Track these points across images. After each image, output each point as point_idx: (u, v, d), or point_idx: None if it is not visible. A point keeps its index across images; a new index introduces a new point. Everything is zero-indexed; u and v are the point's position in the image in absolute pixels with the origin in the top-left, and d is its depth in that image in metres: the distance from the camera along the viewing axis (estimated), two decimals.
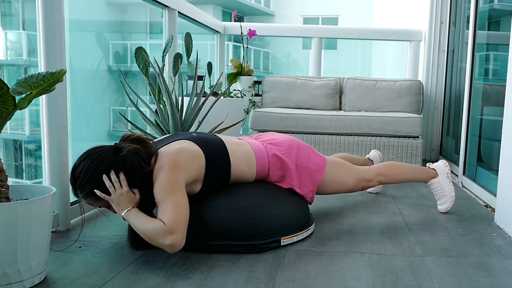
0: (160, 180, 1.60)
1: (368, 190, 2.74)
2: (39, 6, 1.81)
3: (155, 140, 1.82)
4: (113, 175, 1.59)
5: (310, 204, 2.10)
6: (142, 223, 1.56)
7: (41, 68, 1.83)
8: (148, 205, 1.65)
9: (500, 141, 2.16)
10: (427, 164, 2.34)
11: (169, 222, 1.52)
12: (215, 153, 1.79)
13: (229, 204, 1.76)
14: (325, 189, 2.10)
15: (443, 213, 2.32)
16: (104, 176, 1.59)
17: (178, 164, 1.64)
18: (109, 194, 1.60)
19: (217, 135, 1.93)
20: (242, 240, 1.71)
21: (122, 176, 1.60)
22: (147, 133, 2.42)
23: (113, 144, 1.68)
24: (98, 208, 1.75)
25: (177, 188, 1.60)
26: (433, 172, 2.30)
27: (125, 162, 1.60)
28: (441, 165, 2.31)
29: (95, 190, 1.59)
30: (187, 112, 2.48)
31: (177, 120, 2.38)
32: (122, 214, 1.59)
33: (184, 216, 1.56)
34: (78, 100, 3.05)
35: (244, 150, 1.90)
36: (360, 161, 2.69)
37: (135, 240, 1.71)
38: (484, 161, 2.89)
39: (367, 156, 2.80)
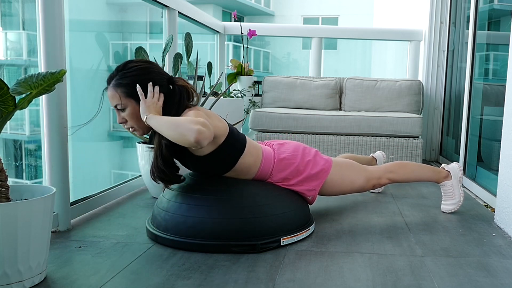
0: (189, 112, 1.71)
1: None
2: (39, 6, 1.81)
3: None
4: (157, 88, 1.72)
5: (311, 204, 2.10)
6: (168, 119, 1.65)
7: (41, 68, 1.83)
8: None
9: (500, 141, 2.16)
10: (442, 165, 2.33)
11: (199, 120, 1.60)
12: (236, 134, 1.88)
13: (229, 204, 1.76)
14: (335, 189, 2.11)
15: (443, 213, 2.32)
16: (150, 83, 1.71)
17: (208, 114, 1.77)
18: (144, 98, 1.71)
19: None
20: (242, 240, 1.71)
21: (162, 97, 1.73)
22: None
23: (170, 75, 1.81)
24: (115, 108, 1.77)
25: (203, 117, 1.68)
26: (445, 172, 2.29)
27: (172, 89, 1.76)
28: (455, 168, 2.30)
29: (137, 85, 1.69)
30: None
31: None
32: (147, 116, 1.68)
33: (210, 124, 1.63)
34: (78, 100, 3.05)
35: (257, 146, 1.96)
36: (364, 160, 2.69)
37: (159, 170, 1.74)
38: (484, 161, 2.89)
39: (372, 155, 2.80)
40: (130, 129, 1.80)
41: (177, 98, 1.76)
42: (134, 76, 1.72)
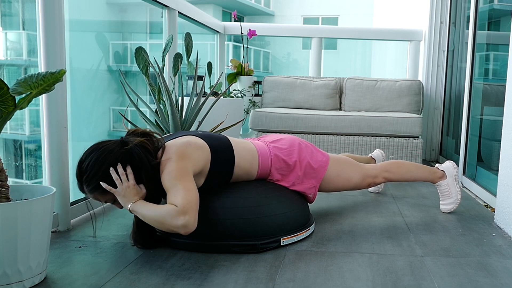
0: (169, 169, 1.61)
1: (370, 189, 2.75)
2: (39, 6, 1.81)
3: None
4: (120, 168, 1.60)
5: (311, 202, 2.10)
6: (152, 210, 1.57)
7: (41, 68, 1.83)
8: (154, 200, 1.66)
9: (500, 141, 2.16)
10: (436, 165, 2.33)
11: (181, 203, 1.53)
12: (221, 148, 1.80)
13: (229, 204, 1.76)
14: (331, 185, 2.11)
15: (444, 213, 2.32)
16: (111, 169, 1.60)
17: (186, 154, 1.66)
18: (115, 187, 1.61)
19: (221, 134, 1.94)
20: (242, 240, 1.71)
21: (129, 169, 1.61)
22: None
23: (119, 138, 1.68)
24: (103, 204, 1.75)
25: (185, 175, 1.61)
26: (440, 173, 2.29)
27: (131, 155, 1.62)
28: (449, 167, 2.30)
29: (101, 183, 1.59)
30: (187, 112, 2.48)
31: (177, 120, 2.38)
32: (129, 207, 1.60)
33: (195, 199, 1.57)
34: (78, 100, 3.05)
35: (248, 148, 1.91)
36: (363, 160, 2.69)
37: (139, 237, 1.73)
38: (484, 161, 2.89)
39: (370, 155, 2.81)
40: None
41: (139, 160, 1.61)
42: (95, 176, 1.60)
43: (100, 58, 3.64)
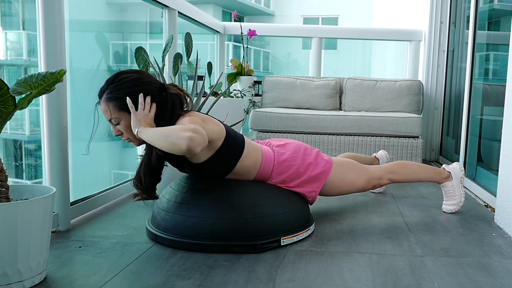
0: (184, 120, 1.69)
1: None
2: (39, 6, 1.81)
3: None
4: (148, 99, 1.69)
5: (311, 204, 2.10)
6: (159, 130, 1.63)
7: (41, 68, 1.83)
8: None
9: (500, 141, 2.16)
10: (443, 166, 2.33)
11: (190, 126, 1.58)
12: (234, 136, 1.86)
13: (229, 204, 1.76)
14: (336, 189, 2.10)
15: (444, 213, 2.32)
16: (141, 94, 1.68)
17: (204, 119, 1.75)
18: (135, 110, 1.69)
19: None
20: (242, 240, 1.71)
21: (154, 107, 1.71)
22: None
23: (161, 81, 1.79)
24: (109, 121, 1.77)
25: (197, 123, 1.67)
26: (446, 173, 2.28)
27: (165, 98, 1.73)
28: (456, 169, 2.29)
29: (127, 98, 1.66)
30: None
31: None
32: (137, 129, 1.66)
33: (205, 132, 1.61)
34: (78, 100, 3.05)
35: (256, 148, 1.93)
36: (366, 160, 2.69)
37: (139, 181, 1.77)
38: (484, 161, 2.89)
39: (374, 154, 2.80)
40: (127, 140, 1.78)
41: (170, 106, 1.73)
42: (124, 89, 1.69)
43: (100, 58, 3.64)
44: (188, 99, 1.83)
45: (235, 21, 4.46)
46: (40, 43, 1.82)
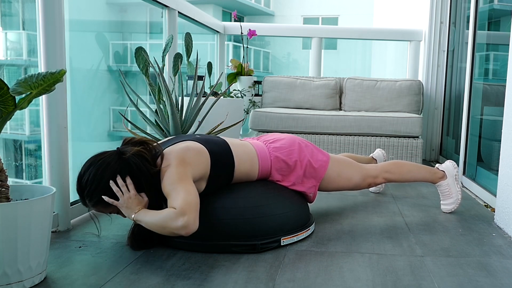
0: (168, 174, 1.62)
1: (370, 189, 2.75)
2: (39, 6, 1.81)
3: (158, 142, 1.82)
4: (119, 180, 1.61)
5: (311, 202, 2.10)
6: (153, 216, 1.58)
7: (41, 68, 1.83)
8: (157, 207, 1.67)
9: (500, 141, 2.16)
10: (436, 165, 2.33)
11: (180, 205, 1.54)
12: (220, 152, 1.80)
13: (229, 204, 1.76)
14: (331, 185, 2.11)
15: (444, 213, 2.32)
16: (111, 182, 1.60)
17: (185, 160, 1.66)
18: (117, 199, 1.62)
19: (220, 136, 1.94)
20: (242, 240, 1.71)
21: (128, 180, 1.62)
22: (147, 133, 2.42)
23: (116, 148, 1.68)
24: (109, 215, 1.76)
25: (185, 178, 1.62)
26: (441, 173, 2.29)
27: (130, 165, 1.62)
28: (450, 167, 2.29)
29: (103, 197, 1.60)
30: (187, 112, 2.48)
31: (177, 120, 2.38)
32: (132, 217, 1.61)
33: (195, 200, 1.58)
34: (78, 100, 3.05)
35: (247, 151, 1.91)
36: (364, 160, 2.69)
37: (135, 240, 1.73)
38: (484, 161, 2.89)
39: (371, 155, 2.80)
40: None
41: (137, 169, 1.62)
42: (96, 190, 1.60)
43: (100, 58, 3.64)
44: (151, 146, 1.69)
45: (235, 21, 4.46)
46: (40, 43, 1.82)
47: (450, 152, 3.87)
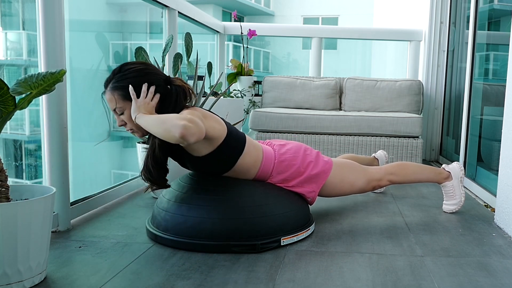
0: (185, 112, 1.71)
1: None
2: (39, 6, 1.81)
3: None
4: (152, 88, 1.72)
5: (311, 204, 2.10)
6: (156, 116, 1.66)
7: (41, 68, 1.83)
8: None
9: (500, 141, 2.16)
10: (442, 166, 2.33)
11: (187, 116, 1.61)
12: (235, 134, 1.87)
13: (229, 204, 1.76)
14: (335, 190, 2.10)
15: (444, 213, 2.32)
16: (146, 84, 1.71)
17: (206, 116, 1.76)
18: (138, 97, 1.71)
19: None
20: (242, 240, 1.71)
21: (157, 97, 1.73)
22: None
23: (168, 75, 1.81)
24: (113, 111, 1.79)
25: (198, 117, 1.68)
26: (446, 173, 2.28)
27: (169, 90, 1.76)
28: (456, 168, 2.29)
29: (130, 87, 1.70)
30: None
31: None
32: (136, 114, 1.69)
33: (201, 124, 1.63)
34: (78, 100, 3.05)
35: (257, 147, 1.94)
36: (366, 160, 2.69)
37: (148, 172, 1.76)
38: (484, 161, 2.89)
39: (373, 155, 2.80)
40: (130, 131, 1.81)
41: (174, 98, 1.75)
42: (130, 79, 1.72)
43: (100, 58, 3.64)
44: (193, 95, 1.84)
45: (235, 21, 4.46)
46: (40, 43, 1.82)
47: (450, 152, 3.87)
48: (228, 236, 1.71)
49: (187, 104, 1.82)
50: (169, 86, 1.77)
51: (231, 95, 3.83)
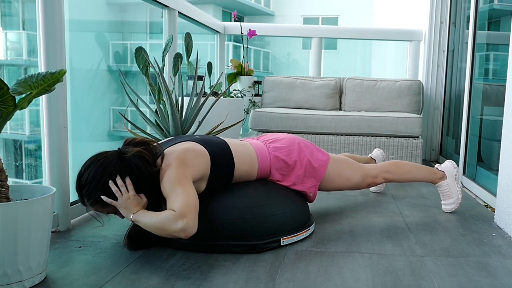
0: (168, 175, 1.61)
1: (371, 189, 2.75)
2: (39, 6, 1.81)
3: (158, 143, 1.82)
4: (119, 180, 1.60)
5: (312, 201, 2.10)
6: (152, 218, 1.57)
7: (41, 68, 1.83)
8: (155, 208, 1.66)
9: (500, 141, 2.16)
10: (435, 166, 2.33)
11: (179, 208, 1.53)
12: (220, 153, 1.80)
13: (229, 204, 1.76)
14: (331, 184, 2.11)
15: (444, 213, 2.32)
16: (110, 181, 1.60)
17: (185, 161, 1.66)
18: (116, 199, 1.61)
19: (219, 137, 1.93)
20: (242, 240, 1.71)
21: (128, 180, 1.62)
22: (147, 133, 2.42)
23: (117, 149, 1.68)
24: (107, 215, 1.76)
25: (185, 180, 1.61)
26: (440, 173, 2.29)
27: (130, 166, 1.62)
28: (449, 167, 2.29)
29: (102, 197, 1.59)
30: (187, 112, 2.48)
31: (177, 120, 2.38)
32: (131, 217, 1.61)
33: (194, 203, 1.57)
34: (78, 100, 3.05)
35: (247, 151, 1.91)
36: (362, 160, 2.69)
37: (131, 241, 1.73)
38: (484, 161, 2.89)
39: (370, 155, 2.80)
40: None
41: (138, 170, 1.61)
42: (95, 189, 1.60)
43: (100, 58, 3.64)
44: (151, 144, 1.70)
45: (235, 21, 4.46)
46: (40, 43, 1.82)
47: (450, 152, 3.87)
48: (228, 236, 1.71)
49: (157, 155, 1.67)
50: (125, 161, 1.62)
51: (231, 95, 3.83)
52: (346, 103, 4.06)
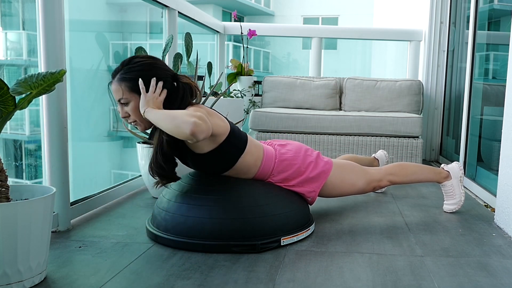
0: (190, 108, 1.72)
1: None
2: (39, 6, 1.81)
3: None
4: (160, 84, 1.74)
5: (311, 204, 2.10)
6: (166, 112, 1.67)
7: (41, 68, 1.83)
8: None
9: (500, 141, 2.16)
10: (442, 166, 2.33)
11: (194, 113, 1.62)
12: (238, 133, 1.88)
13: (229, 204, 1.76)
14: (336, 191, 2.11)
15: (444, 213, 2.32)
16: (154, 78, 1.73)
17: (210, 112, 1.78)
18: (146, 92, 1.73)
19: None
20: (242, 240, 1.71)
21: (164, 92, 1.75)
22: (147, 133, 2.42)
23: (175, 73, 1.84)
24: (117, 102, 1.82)
25: (204, 114, 1.70)
26: (445, 173, 2.29)
27: (176, 87, 1.78)
28: (455, 168, 2.29)
29: (140, 80, 1.71)
30: None
31: None
32: (145, 108, 1.70)
33: (209, 122, 1.63)
34: (78, 100, 3.05)
35: (258, 148, 1.94)
36: (366, 160, 2.69)
37: (156, 166, 1.77)
38: (484, 161, 2.89)
39: (374, 155, 2.80)
40: (133, 123, 1.81)
41: (180, 95, 1.78)
42: (138, 71, 1.74)
43: (100, 58, 3.64)
44: (199, 93, 1.86)
45: (235, 21, 4.46)
46: (40, 43, 1.82)
47: (450, 152, 3.87)
48: (228, 236, 1.71)
49: (192, 101, 1.83)
50: (175, 83, 1.79)
51: (231, 95, 3.83)
52: (346, 103, 4.06)
